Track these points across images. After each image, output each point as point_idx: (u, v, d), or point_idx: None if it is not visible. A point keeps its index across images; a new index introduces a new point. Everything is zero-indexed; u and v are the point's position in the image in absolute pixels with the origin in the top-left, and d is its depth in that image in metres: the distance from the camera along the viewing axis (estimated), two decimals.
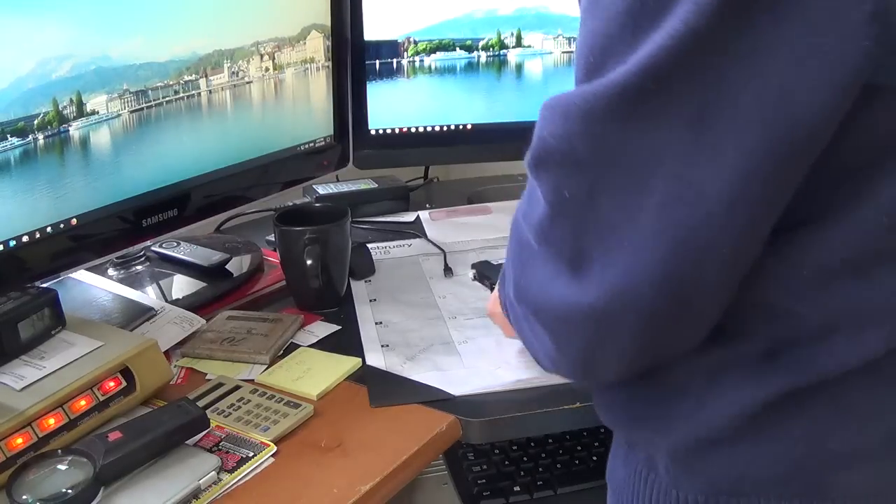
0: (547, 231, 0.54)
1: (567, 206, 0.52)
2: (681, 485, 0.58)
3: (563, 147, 0.50)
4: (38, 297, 0.80)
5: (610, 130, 0.48)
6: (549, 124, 0.51)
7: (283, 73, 1.17)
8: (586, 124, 0.49)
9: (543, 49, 1.31)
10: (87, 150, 0.93)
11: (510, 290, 0.61)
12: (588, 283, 0.51)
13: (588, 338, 0.54)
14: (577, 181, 0.51)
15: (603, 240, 0.51)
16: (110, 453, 0.68)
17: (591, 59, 0.49)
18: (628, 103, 0.47)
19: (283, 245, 1.01)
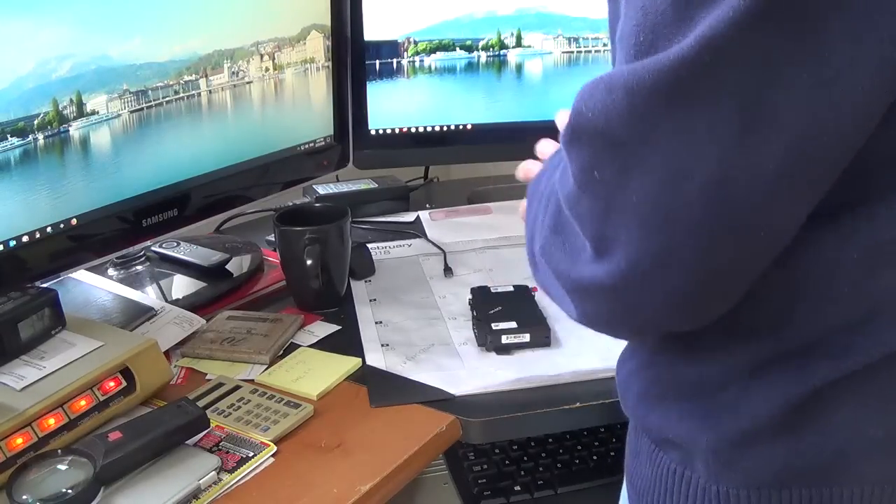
0: (574, 207, 0.53)
1: (595, 187, 0.50)
2: (721, 480, 0.57)
3: (598, 121, 0.49)
4: (38, 297, 0.80)
5: (654, 107, 0.47)
6: (589, 98, 0.49)
7: (283, 73, 1.17)
8: (630, 98, 0.47)
9: (543, 49, 1.31)
10: (87, 151, 0.93)
11: (537, 245, 0.60)
12: (611, 265, 0.51)
13: (611, 310, 0.54)
14: (609, 160, 0.49)
15: (629, 225, 0.49)
16: (110, 453, 0.68)
17: (640, 38, 0.48)
18: (680, 79, 0.45)
19: (283, 245, 1.01)
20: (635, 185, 0.48)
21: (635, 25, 0.48)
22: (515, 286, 1.00)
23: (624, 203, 0.49)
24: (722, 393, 0.57)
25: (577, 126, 0.51)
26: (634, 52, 0.48)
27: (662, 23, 0.46)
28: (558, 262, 0.56)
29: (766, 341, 0.55)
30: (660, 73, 0.46)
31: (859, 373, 0.53)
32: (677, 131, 0.46)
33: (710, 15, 0.44)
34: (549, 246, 0.58)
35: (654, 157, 0.47)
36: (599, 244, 0.51)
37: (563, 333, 0.92)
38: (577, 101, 0.51)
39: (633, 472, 0.67)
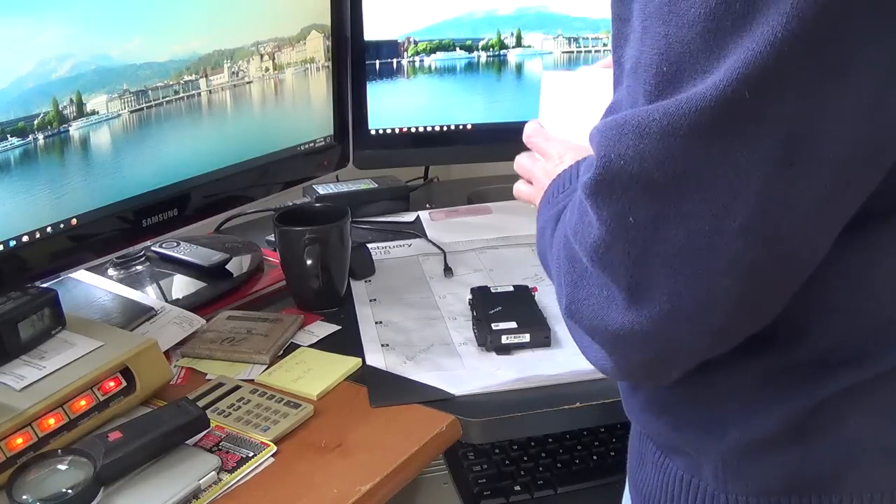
0: (603, 256, 0.51)
1: (630, 234, 0.48)
2: (730, 488, 0.57)
3: (633, 169, 0.47)
4: (38, 297, 0.80)
5: (692, 149, 0.45)
6: (617, 144, 0.47)
7: (283, 73, 1.17)
8: (665, 142, 0.45)
9: (543, 49, 1.31)
10: (87, 150, 0.93)
11: (562, 304, 0.57)
12: (649, 312, 0.49)
13: (647, 356, 0.52)
14: (646, 206, 0.47)
15: (668, 269, 0.48)
16: (110, 453, 0.68)
17: (663, 68, 0.46)
18: (717, 118, 0.43)
19: (283, 245, 1.01)
20: (674, 227, 0.47)
21: (658, 55, 0.46)
22: (515, 286, 1.00)
23: (663, 247, 0.47)
24: (732, 402, 0.57)
25: (607, 175, 0.48)
26: (656, 82, 0.46)
27: (689, 52, 0.44)
28: (590, 317, 0.53)
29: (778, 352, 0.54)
30: (697, 113, 0.44)
31: (870, 381, 0.53)
32: (716, 171, 0.45)
33: (743, 46, 0.42)
34: (575, 304, 0.55)
35: (694, 197, 0.46)
36: (635, 291, 0.49)
37: (563, 333, 0.92)
38: (603, 146, 0.48)
39: (637, 477, 0.66)
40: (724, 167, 0.45)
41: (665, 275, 0.48)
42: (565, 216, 0.58)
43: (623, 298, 0.50)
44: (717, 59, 0.43)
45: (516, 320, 0.91)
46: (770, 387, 0.55)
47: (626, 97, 0.49)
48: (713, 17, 0.43)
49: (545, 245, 0.64)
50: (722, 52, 0.43)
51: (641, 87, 0.47)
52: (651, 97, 0.46)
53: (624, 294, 0.50)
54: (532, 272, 1.10)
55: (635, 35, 0.48)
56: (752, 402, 0.56)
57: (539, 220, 0.69)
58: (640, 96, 0.47)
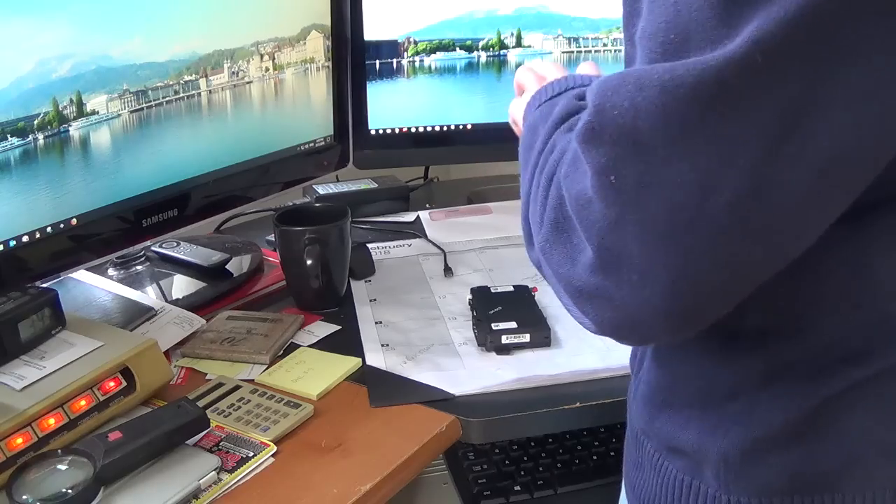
0: (582, 209, 0.49)
1: (609, 194, 0.46)
2: (732, 490, 0.57)
3: (624, 120, 0.45)
4: (38, 297, 0.80)
5: (690, 109, 0.43)
6: (614, 94, 0.45)
7: (283, 73, 1.17)
8: (664, 98, 0.43)
9: (543, 49, 1.31)
10: (87, 150, 0.93)
11: (537, 238, 0.56)
12: (616, 281, 0.48)
13: (613, 318, 0.50)
14: (630, 166, 0.45)
15: (642, 241, 0.46)
16: (110, 453, 0.68)
17: (670, 36, 0.44)
18: (723, 82, 0.42)
19: (283, 245, 1.01)
20: (656, 193, 0.45)
21: (665, 22, 0.45)
22: (515, 286, 1.00)
23: (641, 213, 0.45)
24: (733, 401, 0.56)
25: (598, 123, 0.47)
26: (662, 50, 0.45)
27: (698, 20, 0.43)
28: (559, 264, 0.52)
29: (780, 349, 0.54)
30: (702, 73, 0.42)
31: (873, 378, 0.52)
32: (711, 138, 0.43)
33: (759, 15, 0.41)
34: (550, 245, 0.54)
35: (682, 164, 0.44)
36: (606, 255, 0.48)
37: (563, 333, 0.92)
38: (599, 95, 0.47)
39: (635, 481, 0.66)
40: (719, 136, 0.43)
41: (638, 246, 0.46)
42: (564, 148, 0.55)
43: (591, 258, 0.49)
44: (728, 29, 0.42)
45: (516, 320, 0.91)
46: (772, 385, 0.55)
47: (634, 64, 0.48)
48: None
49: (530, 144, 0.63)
50: (733, 20, 0.42)
51: (647, 55, 0.46)
52: (655, 62, 0.45)
53: (593, 254, 0.48)
54: (532, 272, 1.09)
55: (645, 7, 0.47)
56: (755, 402, 0.55)
57: (533, 109, 0.67)
58: (644, 63, 0.46)
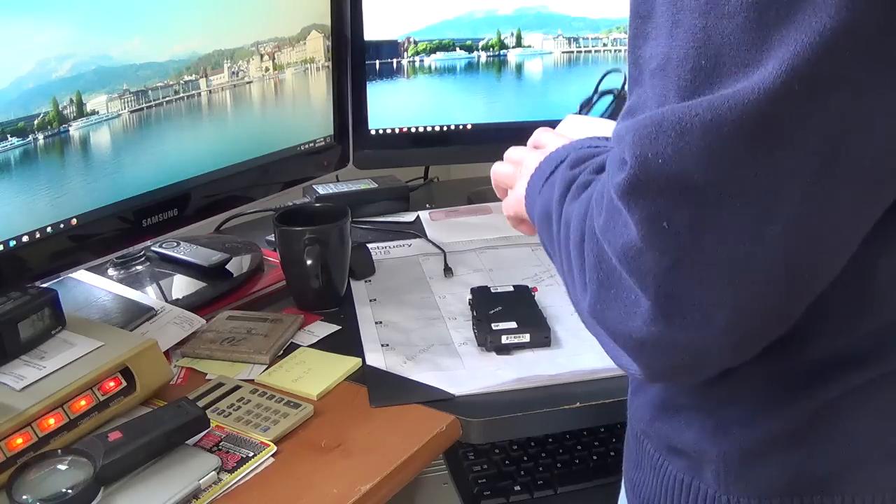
0: (633, 261, 0.48)
1: (663, 240, 0.45)
2: (732, 490, 0.56)
3: (671, 169, 0.44)
4: (38, 297, 0.80)
5: (736, 148, 0.42)
6: (655, 142, 0.44)
7: (283, 73, 1.17)
8: (708, 140, 0.42)
9: (543, 49, 1.31)
10: (87, 150, 0.93)
11: (585, 303, 0.54)
12: (680, 323, 0.47)
13: (672, 363, 0.51)
14: (683, 211, 0.44)
15: (702, 280, 0.45)
16: (110, 453, 0.68)
17: (701, 63, 0.43)
18: (765, 114, 0.41)
19: (283, 245, 1.01)
20: (712, 234, 0.44)
21: (694, 48, 0.43)
22: (515, 286, 1.00)
23: (698, 256, 0.45)
24: (733, 403, 0.56)
25: (643, 175, 0.45)
26: (692, 77, 0.44)
27: (729, 45, 0.42)
28: (615, 321, 0.51)
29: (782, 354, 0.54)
30: (744, 109, 0.41)
31: (875, 382, 0.52)
32: (760, 172, 0.43)
33: (790, 38, 0.41)
34: (602, 306, 0.52)
35: (734, 201, 0.43)
36: (666, 301, 0.47)
37: (563, 333, 0.92)
38: (637, 146, 0.45)
39: (634, 480, 0.66)
40: (769, 168, 0.42)
41: (698, 286, 0.46)
42: (585, 207, 0.55)
43: (649, 308, 0.48)
44: (762, 52, 0.41)
45: (516, 320, 0.91)
46: (774, 388, 0.55)
47: (651, 98, 0.47)
48: (757, 7, 0.41)
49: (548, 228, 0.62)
50: (766, 44, 0.41)
51: (674, 84, 0.45)
52: (686, 93, 0.44)
53: (651, 303, 0.47)
54: (532, 272, 1.10)
55: (661, 31, 0.46)
56: (756, 404, 0.55)
57: (535, 197, 0.67)
58: (671, 93, 0.45)
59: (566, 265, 0.58)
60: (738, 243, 0.44)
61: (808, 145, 0.42)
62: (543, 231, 0.65)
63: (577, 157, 0.63)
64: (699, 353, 0.49)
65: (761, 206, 0.43)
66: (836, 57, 0.40)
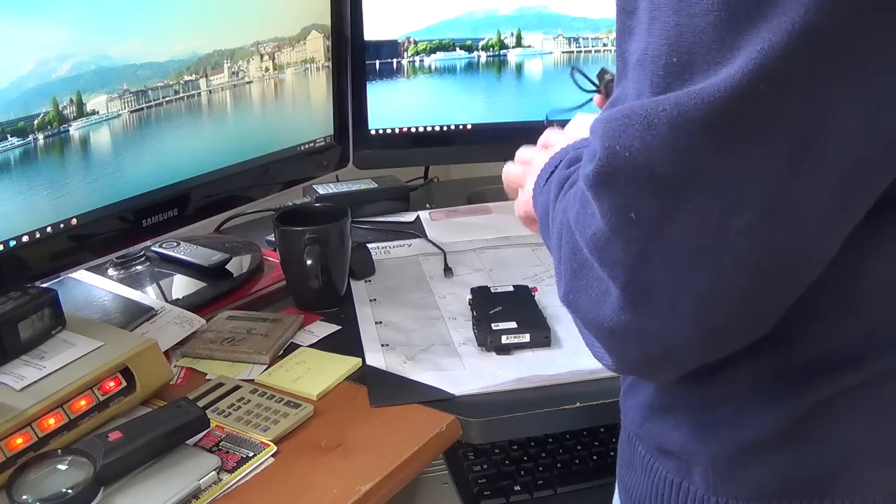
0: (602, 250, 0.49)
1: (630, 230, 0.47)
2: (720, 492, 0.56)
3: (638, 162, 0.45)
4: (38, 297, 0.80)
5: (702, 144, 0.43)
6: (623, 135, 0.45)
7: (283, 73, 1.17)
8: (674, 135, 0.43)
9: (543, 49, 1.31)
10: (87, 150, 0.93)
11: (560, 291, 0.56)
12: (648, 312, 0.48)
13: (643, 354, 0.51)
14: (649, 202, 0.45)
15: (668, 270, 0.46)
16: (110, 453, 0.68)
17: (673, 59, 0.44)
18: (730, 111, 0.42)
19: (283, 245, 1.01)
20: (678, 226, 0.45)
21: (667, 45, 0.44)
22: (515, 286, 1.00)
23: (664, 246, 0.46)
24: (723, 404, 0.56)
25: (610, 167, 0.46)
26: (664, 73, 0.45)
27: (701, 42, 0.43)
28: (586, 310, 0.52)
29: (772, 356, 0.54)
30: (709, 105, 0.42)
31: (865, 384, 0.52)
32: (725, 167, 0.43)
33: (758, 37, 0.41)
34: (574, 295, 0.53)
35: (700, 194, 0.44)
36: (634, 291, 0.48)
37: (563, 333, 0.92)
38: (607, 138, 0.47)
39: (627, 480, 0.66)
40: (734, 163, 0.43)
41: (665, 275, 0.47)
42: (568, 201, 0.56)
43: (618, 296, 0.49)
44: (731, 51, 0.42)
45: (516, 320, 0.91)
46: (763, 390, 0.55)
47: (631, 91, 0.48)
48: (727, 6, 0.42)
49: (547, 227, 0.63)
50: (736, 42, 0.42)
51: (648, 79, 0.46)
52: (659, 88, 0.45)
53: (620, 292, 0.48)
54: (532, 272, 1.10)
55: (642, 27, 0.47)
56: (745, 406, 0.55)
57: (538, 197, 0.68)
58: (646, 88, 0.46)
59: (554, 259, 0.59)
60: (704, 234, 0.45)
61: (773, 142, 0.43)
62: (543, 230, 0.66)
63: (574, 157, 0.64)
64: (668, 343, 0.49)
65: (726, 200, 0.44)
66: (802, 56, 0.41)
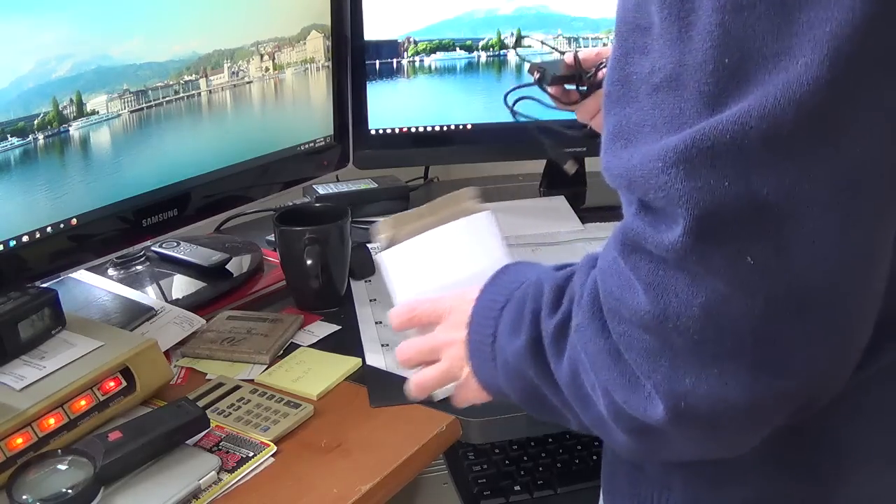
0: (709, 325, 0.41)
1: (749, 278, 0.40)
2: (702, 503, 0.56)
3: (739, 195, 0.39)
4: (38, 297, 0.80)
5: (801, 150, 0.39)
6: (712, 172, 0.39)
7: (283, 73, 1.17)
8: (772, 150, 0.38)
9: (543, 49, 1.31)
10: (87, 150, 0.93)
11: (663, 405, 0.45)
12: (791, 371, 0.42)
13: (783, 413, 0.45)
14: (761, 232, 0.39)
15: (802, 313, 0.40)
16: (110, 453, 0.68)
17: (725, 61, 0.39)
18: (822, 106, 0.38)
19: (283, 245, 1.01)
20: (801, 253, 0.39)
21: (713, 48, 0.40)
22: None
23: (798, 284, 0.40)
24: None
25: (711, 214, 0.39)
26: (715, 79, 0.40)
27: (753, 36, 0.39)
28: (710, 403, 0.44)
29: None
30: (799, 104, 0.38)
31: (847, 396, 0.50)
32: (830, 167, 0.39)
33: (820, 17, 0.37)
34: (690, 396, 0.44)
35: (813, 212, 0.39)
36: (764, 350, 0.41)
37: None
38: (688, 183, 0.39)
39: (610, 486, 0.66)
40: (839, 162, 0.39)
41: (798, 321, 0.41)
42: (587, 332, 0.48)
43: (748, 365, 0.42)
44: (790, 38, 0.38)
45: None
46: None
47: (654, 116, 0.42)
48: None
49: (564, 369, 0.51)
50: (793, 28, 0.38)
51: (694, 92, 0.40)
52: (710, 99, 0.40)
53: (748, 360, 0.42)
54: None
55: (666, 40, 0.42)
56: None
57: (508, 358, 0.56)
58: (689, 105, 0.41)
59: (583, 413, 0.51)
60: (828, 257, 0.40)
61: (870, 129, 0.39)
62: (525, 386, 0.56)
63: (553, 298, 0.54)
64: (809, 398, 0.44)
65: (842, 207, 0.39)
66: (873, 34, 0.37)
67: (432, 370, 0.65)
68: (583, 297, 0.49)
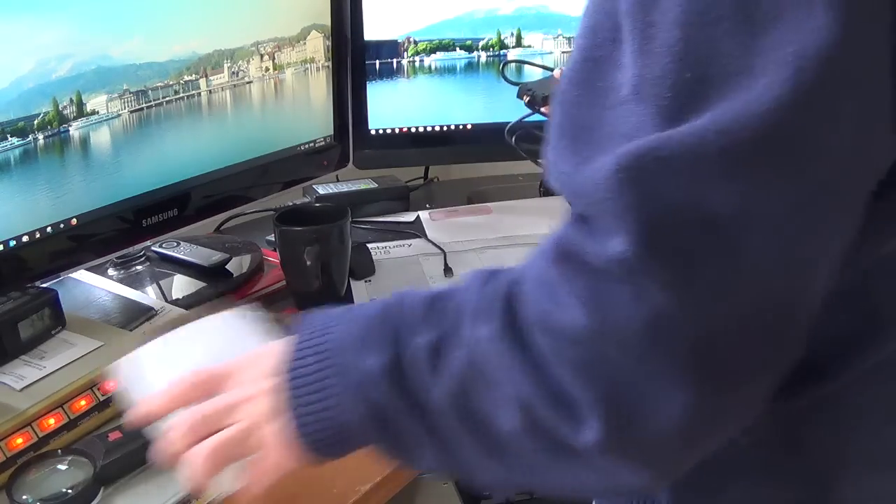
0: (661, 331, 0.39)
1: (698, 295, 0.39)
2: None
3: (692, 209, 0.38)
4: (38, 297, 0.80)
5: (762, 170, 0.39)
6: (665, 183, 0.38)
7: (283, 73, 1.17)
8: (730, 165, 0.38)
9: (543, 49, 1.31)
10: (87, 150, 0.93)
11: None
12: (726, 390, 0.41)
13: None
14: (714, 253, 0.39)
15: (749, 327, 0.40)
16: (110, 453, 0.68)
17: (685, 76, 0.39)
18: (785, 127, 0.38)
19: (283, 245, 1.01)
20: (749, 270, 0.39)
21: (672, 62, 0.39)
22: None
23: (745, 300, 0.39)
24: None
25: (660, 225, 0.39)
26: (673, 93, 0.39)
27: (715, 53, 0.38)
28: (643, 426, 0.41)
29: None
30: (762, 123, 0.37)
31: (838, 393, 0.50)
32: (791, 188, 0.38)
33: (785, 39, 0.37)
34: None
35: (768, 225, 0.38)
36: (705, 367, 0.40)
37: None
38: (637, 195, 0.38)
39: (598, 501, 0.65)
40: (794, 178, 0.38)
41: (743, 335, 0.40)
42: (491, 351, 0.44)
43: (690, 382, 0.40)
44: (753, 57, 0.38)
45: None
46: None
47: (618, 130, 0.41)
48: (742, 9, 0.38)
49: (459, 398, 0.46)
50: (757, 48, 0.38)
51: (652, 106, 0.40)
52: (670, 113, 0.39)
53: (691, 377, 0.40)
54: None
55: (629, 53, 0.41)
56: None
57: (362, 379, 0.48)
58: (648, 119, 0.40)
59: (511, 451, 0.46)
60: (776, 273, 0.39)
61: (828, 151, 0.39)
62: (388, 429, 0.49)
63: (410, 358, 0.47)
64: None
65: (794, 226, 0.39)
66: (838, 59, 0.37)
67: (222, 436, 0.53)
68: (490, 310, 0.45)
